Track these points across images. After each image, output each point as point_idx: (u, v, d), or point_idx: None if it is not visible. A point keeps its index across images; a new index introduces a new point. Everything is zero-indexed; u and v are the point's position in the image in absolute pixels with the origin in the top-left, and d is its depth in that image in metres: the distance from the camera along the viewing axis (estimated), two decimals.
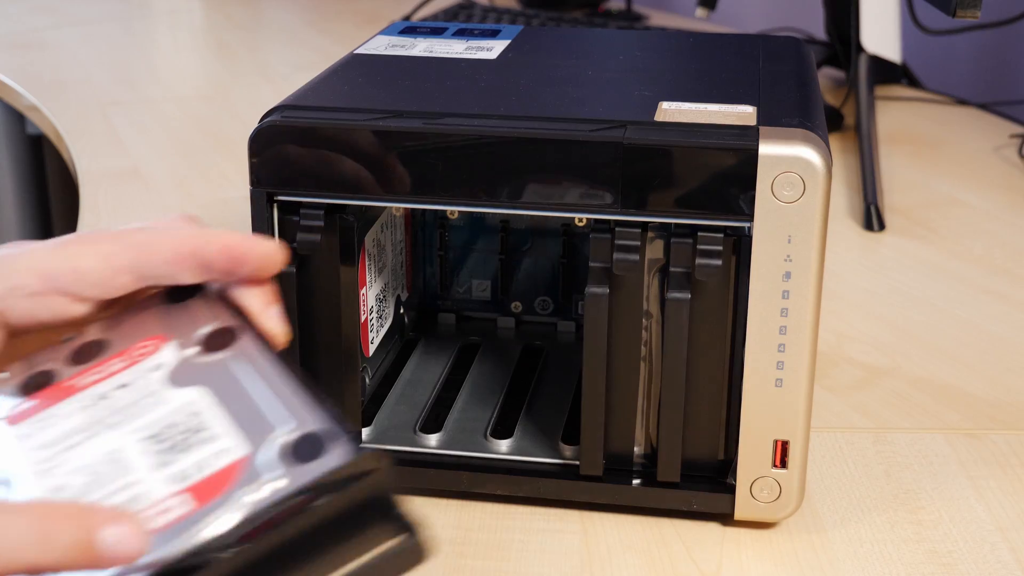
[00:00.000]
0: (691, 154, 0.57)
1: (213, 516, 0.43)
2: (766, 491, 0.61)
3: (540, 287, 0.79)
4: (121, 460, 0.46)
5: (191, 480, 0.44)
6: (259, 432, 0.46)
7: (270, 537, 0.42)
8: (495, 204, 0.59)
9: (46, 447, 0.47)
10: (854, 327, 0.86)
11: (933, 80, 1.47)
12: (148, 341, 0.51)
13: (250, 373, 0.48)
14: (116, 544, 0.40)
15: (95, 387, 0.49)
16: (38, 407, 0.49)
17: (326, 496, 0.42)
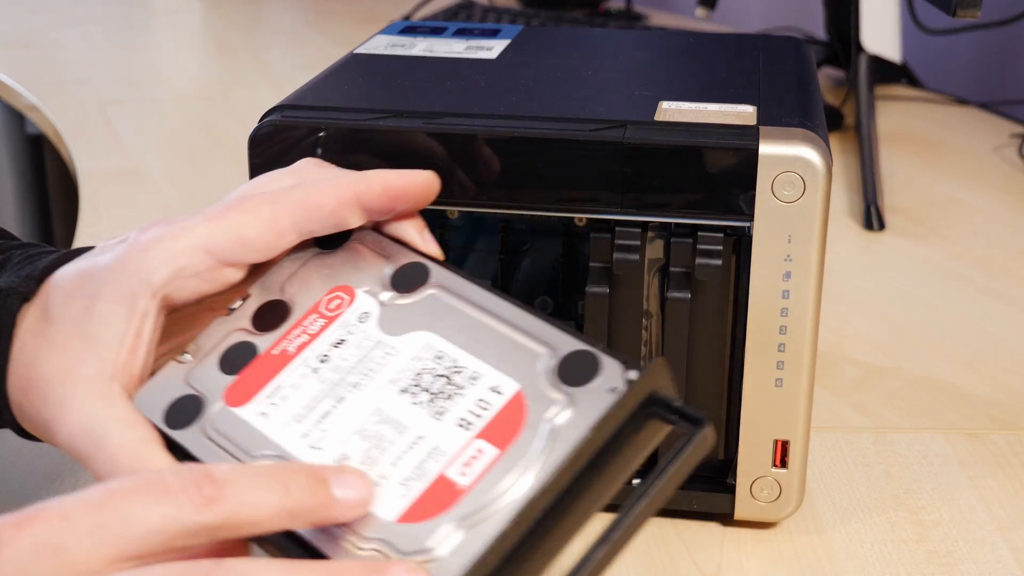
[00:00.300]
0: (691, 154, 0.57)
1: (526, 458, 0.42)
2: (766, 491, 0.61)
3: (540, 287, 0.79)
4: (390, 418, 0.44)
5: (478, 425, 0.43)
6: (517, 363, 0.44)
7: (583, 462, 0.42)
8: (495, 204, 0.59)
9: (297, 421, 0.46)
10: (854, 327, 0.86)
11: (933, 80, 1.47)
12: (332, 293, 0.50)
13: (463, 306, 0.47)
14: (347, 490, 0.41)
15: (308, 350, 0.48)
16: (256, 383, 0.48)
17: (625, 411, 0.42)
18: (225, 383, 0.48)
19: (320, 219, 0.49)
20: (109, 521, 0.37)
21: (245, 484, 0.40)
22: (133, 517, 0.38)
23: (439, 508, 0.42)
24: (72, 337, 0.47)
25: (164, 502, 0.38)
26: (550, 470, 0.41)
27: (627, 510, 0.42)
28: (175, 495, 0.38)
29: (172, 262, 0.48)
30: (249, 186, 0.52)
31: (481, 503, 0.41)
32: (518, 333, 0.46)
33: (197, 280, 0.48)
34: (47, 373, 0.47)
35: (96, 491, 0.38)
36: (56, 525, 0.37)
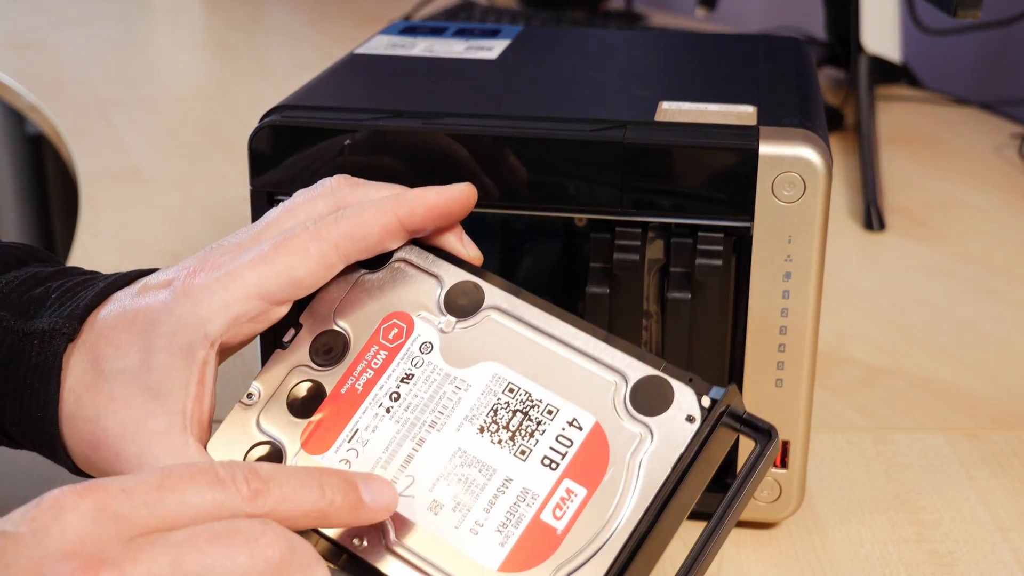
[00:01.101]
0: (691, 154, 0.57)
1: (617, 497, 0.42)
2: (766, 491, 0.60)
3: (540, 287, 0.79)
4: (475, 460, 0.45)
5: (563, 463, 0.43)
6: (589, 393, 0.45)
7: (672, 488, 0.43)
8: (495, 204, 0.59)
9: (382, 467, 0.46)
10: (854, 327, 0.86)
11: (933, 80, 1.47)
12: (389, 321, 0.50)
13: (522, 329, 0.47)
14: (375, 495, 0.43)
15: (377, 388, 0.48)
16: (332, 427, 0.48)
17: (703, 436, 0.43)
18: (299, 428, 0.48)
19: (366, 248, 0.50)
20: (166, 499, 0.39)
21: (287, 482, 0.41)
22: (187, 499, 0.39)
23: (540, 556, 0.42)
24: (135, 392, 0.48)
25: (215, 489, 0.40)
26: (643, 510, 0.42)
27: (717, 522, 0.44)
28: (226, 485, 0.40)
29: (227, 312, 0.48)
30: (283, 215, 0.52)
31: (579, 547, 0.42)
32: (582, 358, 0.46)
33: (251, 324, 0.49)
34: (115, 430, 0.48)
35: (153, 473, 0.40)
36: (116, 496, 0.38)
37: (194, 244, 0.97)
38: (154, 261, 0.94)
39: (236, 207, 1.04)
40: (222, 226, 1.01)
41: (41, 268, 0.56)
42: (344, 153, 0.59)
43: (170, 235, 0.99)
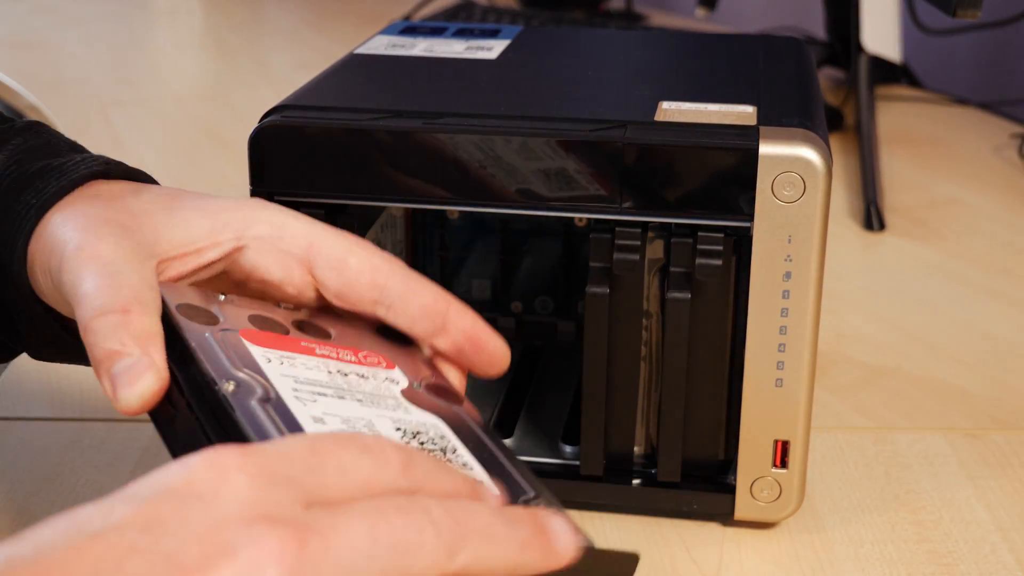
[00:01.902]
0: (691, 154, 0.57)
1: None
2: (766, 491, 0.61)
3: (540, 287, 0.79)
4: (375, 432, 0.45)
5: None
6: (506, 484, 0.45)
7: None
8: (495, 204, 0.59)
9: (295, 380, 0.46)
10: (854, 327, 0.86)
11: (933, 80, 1.47)
12: (373, 355, 0.50)
13: (476, 432, 0.48)
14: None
15: (332, 360, 0.48)
16: (273, 343, 0.48)
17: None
18: (246, 325, 0.48)
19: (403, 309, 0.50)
20: (326, 465, 0.36)
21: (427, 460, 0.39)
22: (345, 466, 0.36)
23: None
24: (141, 214, 0.48)
25: (367, 457, 0.37)
26: None
27: None
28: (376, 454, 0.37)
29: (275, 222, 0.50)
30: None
31: None
32: (512, 469, 0.46)
33: (276, 257, 0.49)
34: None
35: (297, 438, 0.37)
36: (277, 459, 0.35)
37: None
38: None
39: None
40: None
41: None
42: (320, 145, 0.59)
43: None
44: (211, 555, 0.31)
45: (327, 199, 0.60)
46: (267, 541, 0.32)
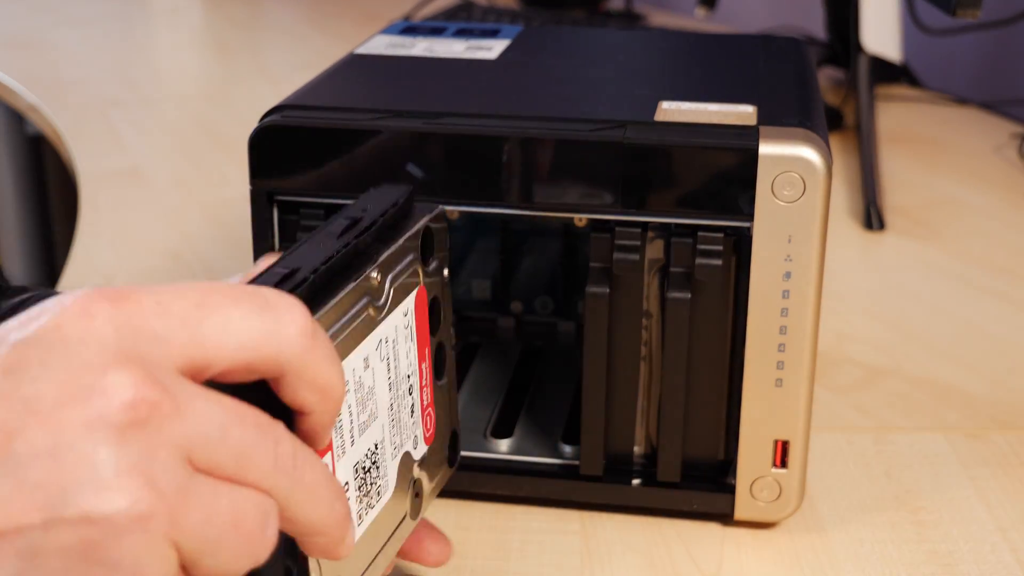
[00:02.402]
0: (691, 154, 0.57)
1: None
2: (766, 491, 0.61)
3: (540, 287, 0.79)
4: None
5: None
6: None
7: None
8: (495, 204, 0.59)
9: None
10: (854, 327, 0.86)
11: (933, 80, 1.47)
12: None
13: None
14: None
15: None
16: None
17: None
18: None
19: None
20: (207, 321, 0.35)
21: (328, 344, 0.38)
22: (231, 324, 0.35)
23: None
24: None
25: (264, 316, 0.36)
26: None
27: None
28: (278, 313, 0.36)
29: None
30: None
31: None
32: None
33: None
34: None
35: (194, 289, 0.35)
36: (151, 310, 0.34)
37: (194, 244, 0.97)
38: (154, 261, 0.94)
39: (236, 207, 1.04)
40: (222, 226, 1.01)
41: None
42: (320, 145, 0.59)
43: (170, 235, 0.99)
44: (64, 398, 0.32)
45: (327, 199, 0.60)
46: (119, 391, 0.32)
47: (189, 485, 0.33)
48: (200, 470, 0.34)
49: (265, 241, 0.61)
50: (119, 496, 0.32)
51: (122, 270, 0.93)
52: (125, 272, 0.92)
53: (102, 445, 0.32)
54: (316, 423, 0.39)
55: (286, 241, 0.61)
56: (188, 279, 0.91)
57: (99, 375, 0.32)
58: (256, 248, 0.61)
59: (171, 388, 0.33)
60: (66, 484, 0.31)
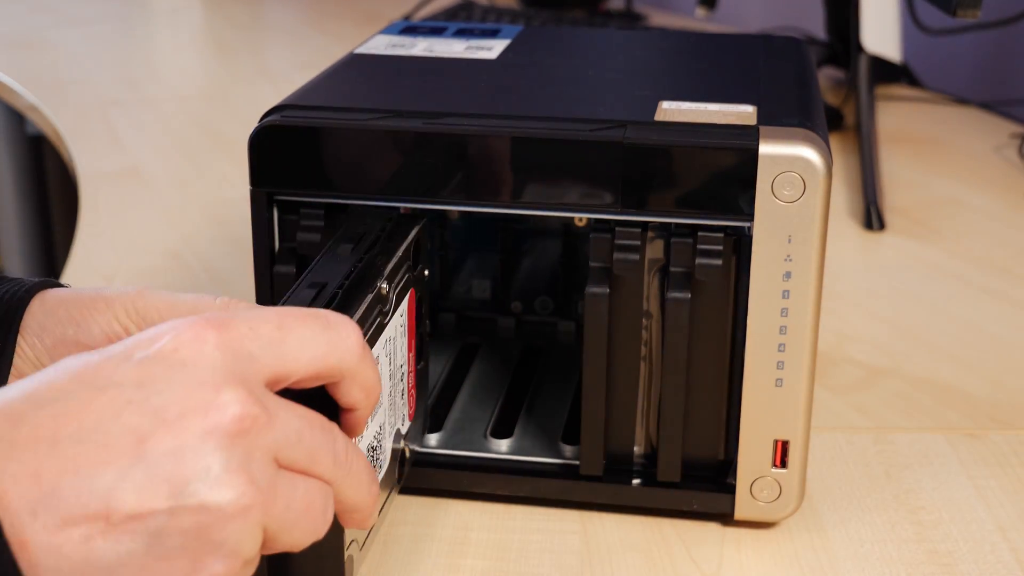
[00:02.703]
0: (691, 154, 0.57)
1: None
2: (766, 491, 0.61)
3: (540, 287, 0.79)
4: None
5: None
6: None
7: None
8: (495, 204, 0.59)
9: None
10: (854, 327, 0.86)
11: (933, 80, 1.47)
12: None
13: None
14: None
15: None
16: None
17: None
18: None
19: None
20: (286, 341, 0.43)
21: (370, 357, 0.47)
22: (305, 341, 0.44)
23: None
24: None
25: (328, 333, 0.44)
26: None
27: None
28: (337, 329, 0.45)
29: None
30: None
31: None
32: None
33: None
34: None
35: (273, 313, 0.44)
36: (246, 335, 0.42)
37: (194, 244, 0.97)
38: (154, 261, 0.94)
39: (236, 207, 1.04)
40: (222, 226, 1.01)
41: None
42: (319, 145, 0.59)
43: (170, 235, 0.99)
44: (187, 411, 0.40)
45: (327, 199, 0.60)
46: (230, 407, 0.40)
47: (276, 480, 0.41)
48: (282, 467, 0.42)
49: (265, 241, 0.61)
50: (229, 491, 0.39)
51: (122, 270, 0.93)
52: (125, 272, 0.92)
53: (216, 450, 0.40)
54: (360, 417, 0.48)
55: (286, 241, 0.61)
56: (188, 279, 0.91)
57: (214, 393, 0.40)
58: (256, 248, 0.61)
59: (264, 402, 0.41)
60: (188, 479, 0.39)
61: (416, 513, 0.63)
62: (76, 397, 0.39)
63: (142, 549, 0.39)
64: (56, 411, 0.39)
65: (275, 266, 0.61)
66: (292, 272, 0.60)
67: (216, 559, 0.40)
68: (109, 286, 0.57)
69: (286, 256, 0.61)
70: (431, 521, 0.63)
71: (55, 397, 0.39)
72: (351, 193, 0.60)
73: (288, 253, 0.61)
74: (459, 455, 0.65)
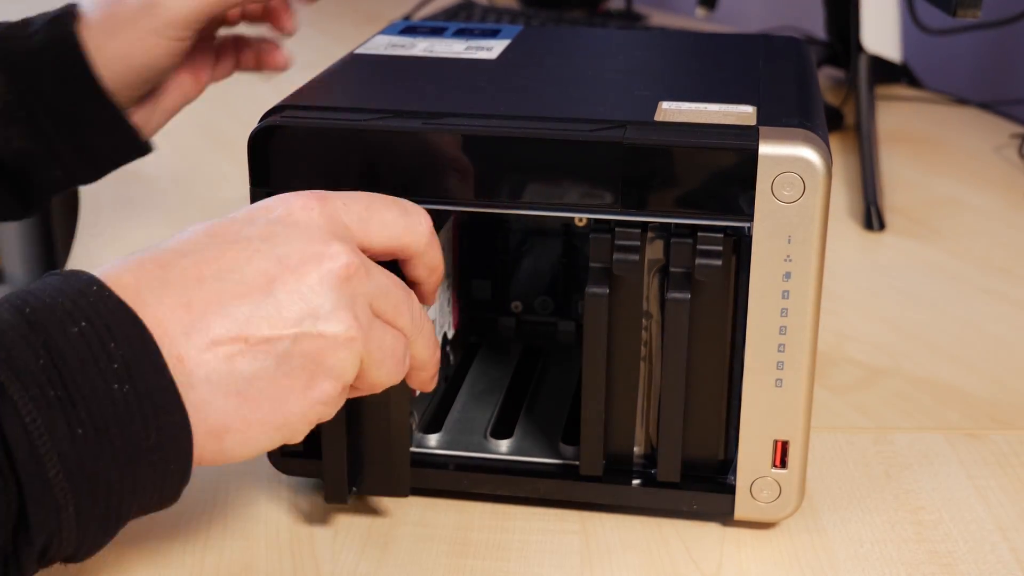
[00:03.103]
0: (691, 154, 0.57)
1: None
2: (766, 491, 0.61)
3: (540, 287, 0.79)
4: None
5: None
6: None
7: None
8: (495, 204, 0.59)
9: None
10: (854, 327, 0.86)
11: (933, 80, 1.47)
12: None
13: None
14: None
15: None
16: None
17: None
18: None
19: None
20: (373, 219, 0.53)
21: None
22: (386, 221, 0.53)
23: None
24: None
25: (406, 218, 0.54)
26: None
27: None
28: (411, 215, 0.54)
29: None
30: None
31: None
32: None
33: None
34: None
35: (363, 196, 0.53)
36: (341, 208, 0.52)
37: None
38: None
39: (236, 207, 1.04)
40: None
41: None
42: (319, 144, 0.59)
43: (170, 235, 0.99)
44: (305, 259, 0.49)
45: None
46: (339, 256, 0.50)
47: (372, 322, 0.51)
48: (375, 314, 0.51)
49: None
50: (339, 323, 0.49)
51: None
52: None
53: (330, 290, 0.49)
54: (425, 292, 0.57)
55: None
56: None
57: (325, 245, 0.50)
58: None
59: (361, 257, 0.51)
60: (309, 312, 0.49)
61: (416, 513, 0.63)
62: (212, 248, 0.49)
63: (272, 366, 0.48)
64: (197, 259, 0.48)
65: None
66: None
67: (326, 379, 0.49)
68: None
69: None
70: (431, 521, 0.63)
71: (193, 249, 0.49)
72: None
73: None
74: (459, 455, 0.65)
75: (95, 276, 0.46)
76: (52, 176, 0.73)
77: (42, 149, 0.72)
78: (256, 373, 0.47)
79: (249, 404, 0.48)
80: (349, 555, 0.60)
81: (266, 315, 0.48)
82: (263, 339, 0.47)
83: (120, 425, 0.44)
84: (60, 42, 0.69)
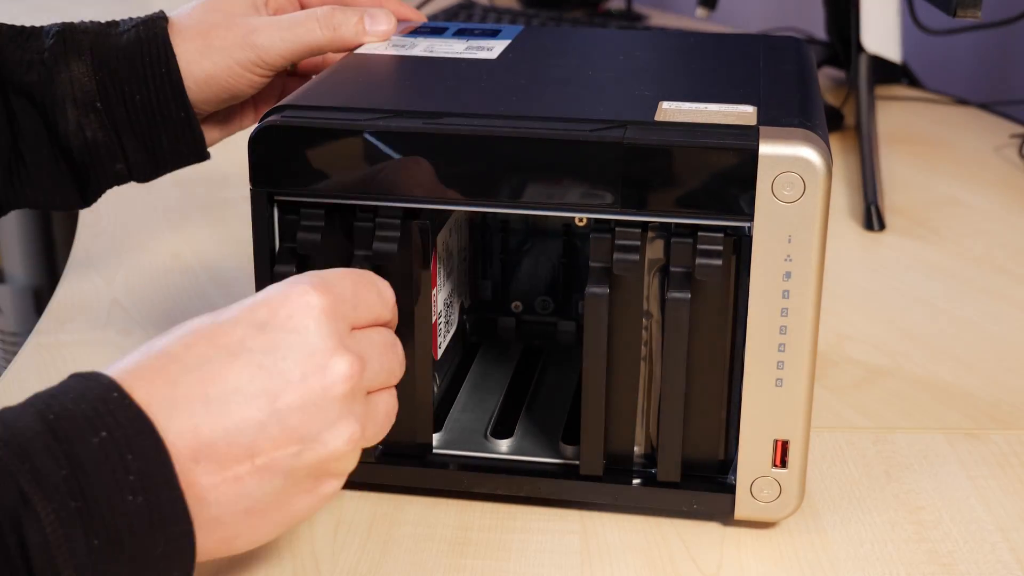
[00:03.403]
0: (691, 154, 0.57)
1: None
2: (766, 491, 0.61)
3: (540, 287, 0.79)
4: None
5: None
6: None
7: None
8: (495, 204, 0.59)
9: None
10: (854, 327, 0.86)
11: (933, 80, 1.47)
12: None
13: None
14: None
15: None
16: None
17: None
18: None
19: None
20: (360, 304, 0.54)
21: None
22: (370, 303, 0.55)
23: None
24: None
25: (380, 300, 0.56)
26: None
27: None
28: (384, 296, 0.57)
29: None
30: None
31: None
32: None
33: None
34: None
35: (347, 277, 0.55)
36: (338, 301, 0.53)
37: (194, 244, 0.97)
38: (154, 261, 0.94)
39: (236, 207, 1.04)
40: (222, 226, 1.01)
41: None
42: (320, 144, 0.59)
43: (170, 235, 0.99)
44: (307, 373, 0.50)
45: (327, 199, 0.60)
46: (340, 367, 0.51)
47: (368, 407, 0.54)
48: (370, 392, 0.54)
49: (265, 241, 0.61)
50: (344, 433, 0.51)
51: (122, 270, 0.93)
52: (125, 272, 0.92)
53: (332, 402, 0.51)
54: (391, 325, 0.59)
55: (286, 241, 0.61)
56: (188, 279, 0.91)
57: (327, 358, 0.51)
58: (256, 248, 0.61)
59: (355, 349, 0.52)
60: (313, 427, 0.50)
61: (416, 513, 0.63)
62: (216, 361, 0.49)
63: (280, 482, 0.50)
64: (202, 375, 0.49)
65: (275, 266, 0.61)
66: (292, 272, 0.60)
67: (332, 479, 0.52)
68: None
69: (286, 256, 0.61)
70: (431, 521, 0.63)
71: (197, 363, 0.49)
72: (351, 193, 0.60)
73: (288, 253, 0.61)
74: (459, 455, 0.65)
75: (115, 381, 0.47)
76: (114, 169, 0.74)
77: (112, 141, 0.72)
78: (265, 492, 0.50)
79: (258, 515, 0.50)
80: (349, 555, 0.60)
81: (271, 436, 0.49)
82: (270, 459, 0.49)
83: (133, 535, 0.45)
84: (150, 40, 0.71)
